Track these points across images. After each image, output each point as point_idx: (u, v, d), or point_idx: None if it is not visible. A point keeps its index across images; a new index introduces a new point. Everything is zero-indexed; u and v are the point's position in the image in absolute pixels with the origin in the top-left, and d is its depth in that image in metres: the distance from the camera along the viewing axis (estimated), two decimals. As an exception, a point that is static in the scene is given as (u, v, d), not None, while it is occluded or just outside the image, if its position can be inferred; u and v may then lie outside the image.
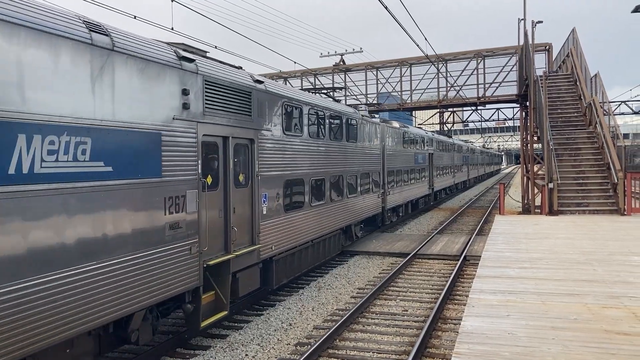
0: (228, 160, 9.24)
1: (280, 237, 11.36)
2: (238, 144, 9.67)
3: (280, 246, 11.40)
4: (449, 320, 10.28)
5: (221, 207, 9.16)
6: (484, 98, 27.78)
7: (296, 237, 12.29)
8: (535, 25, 22.79)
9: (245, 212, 9.99)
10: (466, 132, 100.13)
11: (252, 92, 10.15)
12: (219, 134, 8.99)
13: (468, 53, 28.31)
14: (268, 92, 10.94)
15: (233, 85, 9.53)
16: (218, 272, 9.00)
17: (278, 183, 11.28)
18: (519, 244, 12.13)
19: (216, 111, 8.92)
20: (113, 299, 6.59)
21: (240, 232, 9.66)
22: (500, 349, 5.72)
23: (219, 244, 9.13)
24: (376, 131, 20.04)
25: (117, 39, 6.87)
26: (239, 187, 9.70)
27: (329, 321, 10.42)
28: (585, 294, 7.78)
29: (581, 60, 22.47)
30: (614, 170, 17.09)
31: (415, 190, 27.13)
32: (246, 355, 8.69)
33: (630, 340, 5.89)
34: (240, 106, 9.71)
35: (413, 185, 26.44)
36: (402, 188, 23.96)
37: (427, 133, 31.73)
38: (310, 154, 13.19)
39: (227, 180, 9.23)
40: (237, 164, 9.69)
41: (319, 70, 31.00)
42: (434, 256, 16.50)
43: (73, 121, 6.04)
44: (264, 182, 10.58)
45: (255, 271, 10.45)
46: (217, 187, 9.04)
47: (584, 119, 20.56)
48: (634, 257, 10.32)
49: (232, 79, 9.56)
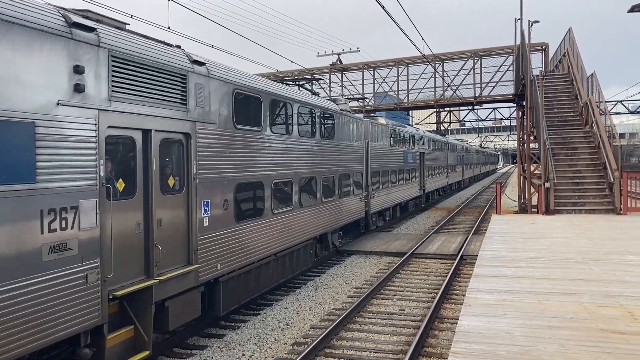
0: (151, 159, 7.43)
1: (229, 253, 9.40)
2: (167, 140, 7.85)
3: (230, 264, 9.45)
4: (446, 320, 10.29)
5: (140, 219, 7.33)
6: (481, 98, 27.83)
7: (253, 251, 10.29)
8: (532, 25, 22.82)
9: (178, 224, 8.11)
10: (463, 131, 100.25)
11: (189, 76, 8.35)
12: (135, 126, 7.17)
13: (465, 53, 28.34)
14: (212, 76, 9.08)
15: (157, 65, 7.65)
16: (137, 303, 7.23)
17: (227, 187, 9.40)
18: (515, 244, 12.15)
19: (131, 97, 7.07)
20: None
21: (169, 250, 7.80)
22: (497, 348, 5.73)
23: (136, 268, 7.27)
24: (358, 128, 18.25)
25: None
26: (168, 194, 7.87)
27: (326, 320, 10.42)
28: (581, 293, 7.80)
29: (577, 60, 22.51)
30: (610, 170, 17.13)
31: (405, 192, 25.49)
32: (243, 355, 8.69)
33: (626, 339, 5.90)
34: (169, 92, 7.90)
35: (402, 186, 24.84)
36: (389, 190, 22.35)
37: (419, 131, 30.31)
38: (272, 152, 11.24)
39: (150, 185, 7.42)
40: (166, 164, 7.91)
41: (316, 69, 30.98)
42: (431, 255, 16.51)
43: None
44: (205, 186, 8.70)
45: (194, 297, 8.53)
46: (134, 195, 7.22)
47: (580, 119, 20.61)
48: (630, 257, 10.35)
49: (156, 57, 7.65)
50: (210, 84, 8.99)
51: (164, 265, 7.69)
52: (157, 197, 7.55)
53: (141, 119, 7.25)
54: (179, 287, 7.97)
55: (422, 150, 29.74)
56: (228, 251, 9.38)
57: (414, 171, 27.49)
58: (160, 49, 7.95)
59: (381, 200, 21.09)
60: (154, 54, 7.62)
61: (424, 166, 29.97)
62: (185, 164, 8.31)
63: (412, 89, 29.19)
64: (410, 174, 26.75)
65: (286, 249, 12.07)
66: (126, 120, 6.98)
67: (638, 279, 8.58)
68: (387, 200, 22.17)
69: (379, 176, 20.77)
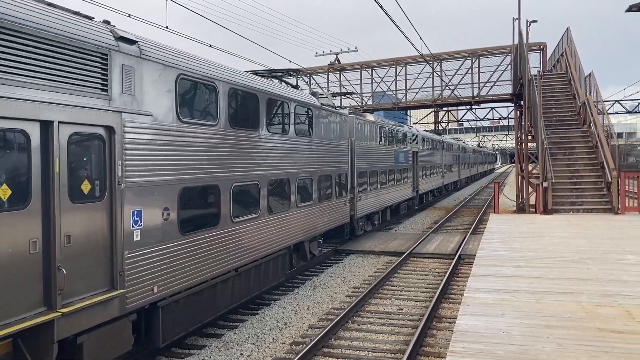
0: (53, 159, 5.94)
1: (171, 272, 7.82)
2: (79, 135, 6.37)
3: (172, 285, 7.87)
4: (444, 319, 10.30)
5: (37, 235, 5.81)
6: (479, 97, 27.85)
7: (205, 268, 8.70)
8: (530, 24, 22.83)
9: (97, 240, 6.59)
10: (461, 131, 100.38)
11: (112, 56, 6.81)
12: (28, 117, 5.67)
13: (463, 52, 28.36)
14: (147, 57, 7.46)
15: (64, 39, 6.11)
16: (36, 341, 5.88)
17: (167, 193, 7.80)
18: (513, 243, 12.16)
19: (20, 78, 5.60)
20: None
21: (81, 273, 6.32)
22: (495, 347, 5.73)
23: (32, 297, 5.76)
24: (343, 124, 16.60)
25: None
26: (81, 202, 6.36)
27: (325, 320, 10.42)
28: (579, 293, 7.81)
29: (575, 59, 22.53)
30: (608, 169, 17.16)
31: (396, 194, 23.99)
32: (241, 355, 8.68)
33: (624, 338, 5.91)
34: (83, 75, 6.40)
35: (393, 188, 23.34)
36: (377, 192, 20.82)
37: (412, 129, 28.76)
38: (232, 151, 9.63)
39: (52, 191, 5.92)
40: (79, 166, 6.41)
41: (314, 69, 30.98)
42: (429, 255, 16.53)
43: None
44: (136, 192, 7.17)
45: (120, 328, 6.99)
46: (27, 204, 5.71)
47: (578, 118, 20.64)
48: (628, 256, 10.36)
49: (62, 30, 6.10)
50: (143, 67, 7.35)
51: (73, 292, 6.18)
52: (63, 207, 6.05)
53: (38, 108, 5.74)
54: (97, 317, 6.46)
55: (416, 149, 28.46)
56: (169, 270, 7.80)
57: (406, 171, 26.16)
58: (71, 20, 6.37)
59: (369, 203, 19.67)
60: (58, 25, 6.08)
61: (417, 166, 28.74)
62: (107, 164, 6.76)
63: (410, 89, 29.21)
64: (402, 175, 25.32)
65: (251, 262, 10.46)
66: (13, 108, 5.47)
67: (636, 278, 8.59)
68: (376, 203, 20.74)
69: (367, 177, 19.38)
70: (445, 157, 39.19)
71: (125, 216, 6.94)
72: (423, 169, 30.26)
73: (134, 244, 7.12)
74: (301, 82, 31.14)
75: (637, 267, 9.41)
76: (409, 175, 26.92)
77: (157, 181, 7.64)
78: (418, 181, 28.84)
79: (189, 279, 8.31)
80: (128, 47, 7.14)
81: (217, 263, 9.09)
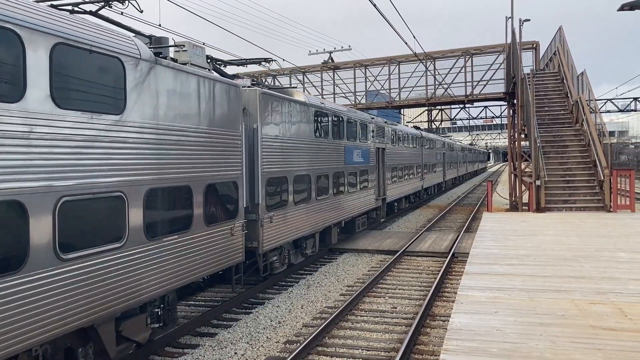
0: None
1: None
2: None
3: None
4: (438, 317, 10.32)
5: None
6: (472, 96, 27.93)
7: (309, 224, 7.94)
8: (523, 23, 22.94)
9: None
10: (454, 130, 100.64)
11: None
12: None
13: (456, 51, 28.42)
14: None
15: None
16: None
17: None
18: (506, 241, 12.20)
19: None
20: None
21: None
22: (489, 345, 5.74)
23: None
24: (229, 101, 10.31)
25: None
26: None
27: (318, 319, 10.41)
28: (572, 290, 7.84)
29: (568, 58, 22.63)
30: (601, 168, 17.25)
31: (347, 206, 17.62)
32: (235, 354, 8.66)
33: (617, 335, 5.94)
34: None
35: (343, 196, 17.18)
36: (310, 207, 14.30)
37: (376, 119, 22.37)
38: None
39: None
40: None
41: (308, 68, 30.97)
42: (423, 253, 16.55)
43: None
44: None
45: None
46: None
47: (570, 117, 20.73)
48: (621, 254, 10.41)
49: None
50: None
51: None
52: None
53: None
54: None
55: (382, 146, 22.71)
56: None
57: (365, 174, 20.04)
58: None
59: (288, 227, 12.99)
60: None
61: (384, 167, 23.03)
62: None
63: (403, 88, 29.24)
64: (360, 178, 19.28)
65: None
66: None
67: (628, 275, 8.64)
68: (303, 225, 13.93)
69: (288, 185, 13.02)
70: (425, 155, 33.98)
71: None
72: (394, 170, 24.97)
73: None
74: (295, 81, 31.14)
75: (629, 264, 9.46)
76: (371, 179, 20.92)
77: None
78: (385, 186, 23.16)
79: None
80: None
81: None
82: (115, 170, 7.18)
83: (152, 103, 7.94)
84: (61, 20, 6.51)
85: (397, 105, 29.85)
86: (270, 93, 12.31)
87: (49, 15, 6.34)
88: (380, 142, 22.52)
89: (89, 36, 6.81)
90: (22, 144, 5.81)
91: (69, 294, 6.27)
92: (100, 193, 6.90)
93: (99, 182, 6.88)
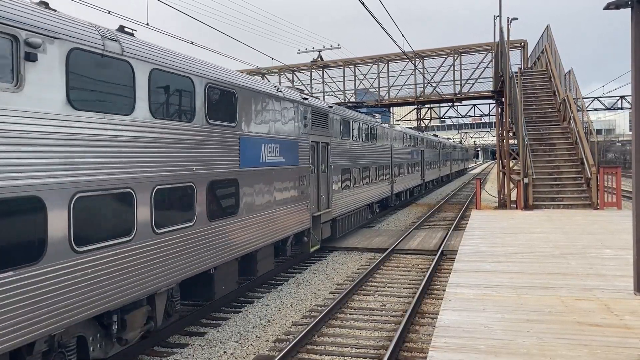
0: None
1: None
2: None
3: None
4: (427, 315, 10.36)
5: None
6: (461, 94, 28.01)
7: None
8: (511, 22, 23.05)
9: None
10: (443, 128, 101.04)
11: None
12: None
13: (445, 50, 28.49)
14: None
15: None
16: None
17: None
18: (494, 239, 12.28)
19: None
20: None
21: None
22: (477, 342, 5.79)
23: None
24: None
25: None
26: None
27: (308, 317, 10.42)
28: (559, 287, 7.92)
29: (555, 56, 22.80)
30: (588, 165, 17.40)
31: (264, 229, 11.79)
32: (224, 353, 8.65)
33: (602, 331, 6.01)
34: None
35: (262, 214, 11.65)
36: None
37: (310, 100, 15.65)
38: None
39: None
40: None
41: (297, 66, 30.92)
42: (412, 251, 16.61)
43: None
44: None
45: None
46: None
47: (558, 115, 20.89)
48: (607, 250, 10.52)
49: None
50: None
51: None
52: None
53: None
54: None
55: (325, 140, 16.47)
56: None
57: (295, 179, 13.90)
58: None
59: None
60: None
61: (330, 169, 16.90)
62: None
63: (392, 86, 29.28)
64: (286, 185, 13.25)
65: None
66: None
67: (614, 272, 8.74)
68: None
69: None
70: (396, 154, 28.07)
71: None
72: (345, 173, 18.65)
73: None
74: (284, 80, 31.08)
75: (615, 261, 9.57)
76: (306, 185, 14.66)
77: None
78: (331, 195, 16.97)
79: None
80: None
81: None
82: None
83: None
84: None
85: (386, 103, 29.89)
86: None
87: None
88: (320, 135, 16.01)
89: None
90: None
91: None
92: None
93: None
